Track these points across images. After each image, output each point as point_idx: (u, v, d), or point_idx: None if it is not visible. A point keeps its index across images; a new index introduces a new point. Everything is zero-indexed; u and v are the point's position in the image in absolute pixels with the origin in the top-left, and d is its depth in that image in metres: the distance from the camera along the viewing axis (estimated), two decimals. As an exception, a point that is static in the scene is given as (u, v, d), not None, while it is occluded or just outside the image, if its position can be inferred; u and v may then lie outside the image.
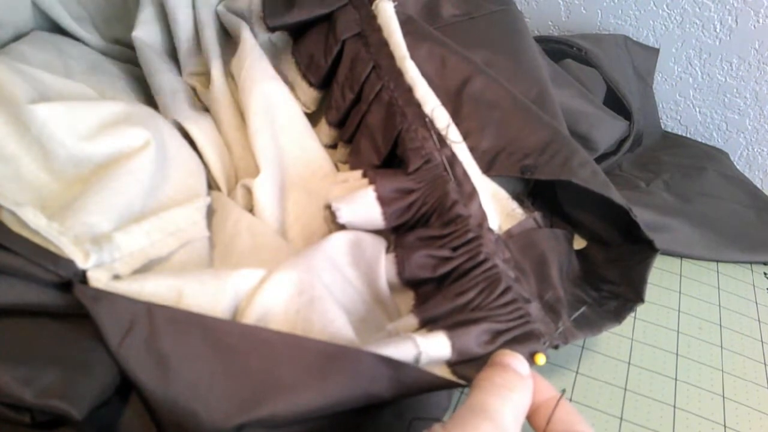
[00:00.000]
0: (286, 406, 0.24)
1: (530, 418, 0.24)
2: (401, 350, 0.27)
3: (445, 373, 0.28)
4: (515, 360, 0.24)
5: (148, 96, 0.41)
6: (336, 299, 0.30)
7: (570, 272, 0.36)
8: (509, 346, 0.29)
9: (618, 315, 0.34)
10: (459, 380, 0.27)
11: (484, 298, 0.30)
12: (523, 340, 0.29)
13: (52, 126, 0.30)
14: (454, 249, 0.32)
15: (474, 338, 0.28)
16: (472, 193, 0.34)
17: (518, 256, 0.34)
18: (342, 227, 0.34)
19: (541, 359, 0.26)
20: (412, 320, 0.30)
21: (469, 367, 0.28)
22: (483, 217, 0.34)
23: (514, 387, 0.23)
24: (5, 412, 0.24)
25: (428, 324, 0.30)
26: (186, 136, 0.38)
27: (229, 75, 0.41)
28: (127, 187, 0.30)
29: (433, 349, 0.27)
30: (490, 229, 0.33)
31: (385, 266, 0.33)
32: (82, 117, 0.32)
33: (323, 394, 0.24)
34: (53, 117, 0.30)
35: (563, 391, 0.24)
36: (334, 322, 0.28)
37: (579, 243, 0.40)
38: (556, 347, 0.30)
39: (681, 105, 0.67)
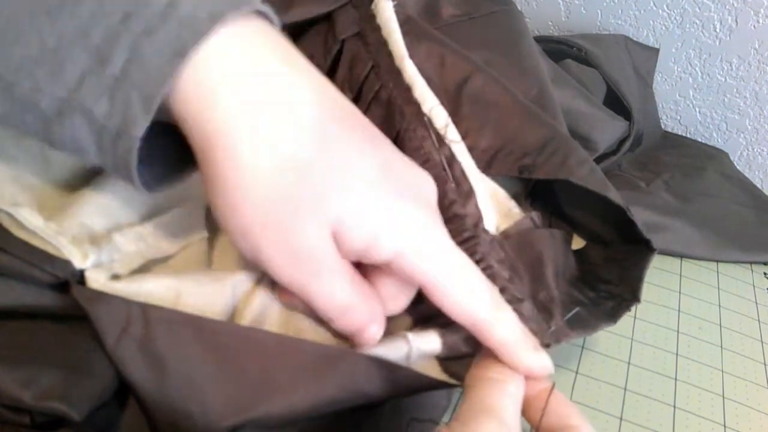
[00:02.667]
0: (281, 407, 0.24)
1: (524, 412, 0.24)
2: (393, 347, 0.27)
3: (435, 368, 0.28)
4: None
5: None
6: None
7: (567, 272, 0.36)
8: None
9: (613, 315, 0.34)
10: (451, 379, 0.28)
11: None
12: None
13: (51, 126, 0.30)
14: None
15: (464, 337, 0.28)
16: (469, 193, 0.34)
17: (513, 256, 0.34)
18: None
19: None
20: (406, 319, 0.30)
21: (459, 364, 0.28)
22: (479, 217, 0.34)
23: (508, 379, 0.23)
24: (5, 414, 0.24)
25: (422, 323, 0.30)
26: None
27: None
28: (126, 188, 0.30)
29: (423, 344, 0.27)
30: (485, 230, 0.33)
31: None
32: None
33: (317, 394, 0.24)
34: (52, 117, 0.30)
35: (553, 384, 0.24)
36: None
37: (578, 243, 0.40)
38: (547, 346, 0.31)
39: (681, 105, 0.67)
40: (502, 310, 0.25)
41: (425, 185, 0.27)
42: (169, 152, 0.26)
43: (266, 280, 0.29)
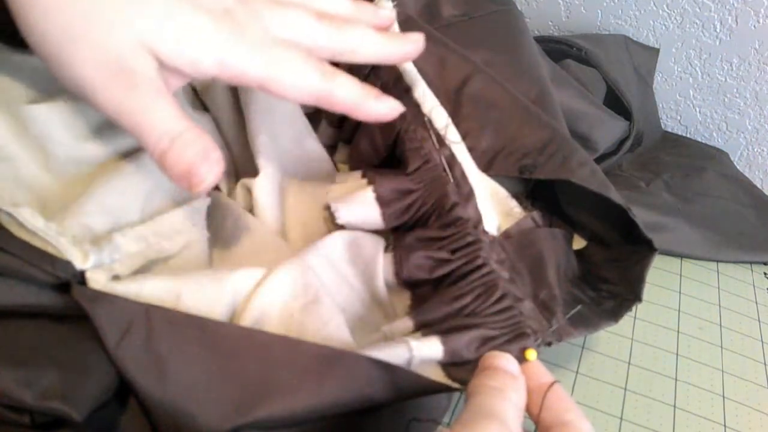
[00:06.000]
0: (283, 409, 0.24)
1: (525, 405, 0.24)
2: (394, 353, 0.27)
3: (438, 374, 0.28)
4: (505, 361, 0.24)
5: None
6: (332, 298, 0.30)
7: (568, 271, 0.36)
8: (502, 343, 0.29)
9: (615, 314, 0.34)
10: (453, 383, 0.28)
11: (480, 304, 0.30)
12: (515, 338, 0.29)
13: (51, 126, 0.30)
14: (453, 251, 0.32)
15: (466, 344, 0.28)
16: (470, 195, 0.34)
17: (514, 257, 0.34)
18: (341, 227, 0.34)
19: (531, 355, 0.26)
20: (407, 323, 0.30)
21: (462, 370, 0.28)
22: (479, 219, 0.34)
23: (509, 388, 0.23)
24: (5, 414, 0.24)
25: (423, 327, 0.30)
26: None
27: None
28: (127, 188, 0.30)
29: (425, 352, 0.28)
30: (484, 231, 0.33)
31: (383, 265, 0.33)
32: (82, 117, 0.32)
33: (319, 396, 0.24)
34: (53, 117, 0.30)
35: (554, 380, 0.24)
36: (328, 325, 0.28)
37: (579, 243, 0.40)
38: (549, 344, 0.31)
39: (681, 105, 0.67)
40: (335, 76, 0.27)
41: None
42: None
43: (267, 280, 0.29)
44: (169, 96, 0.25)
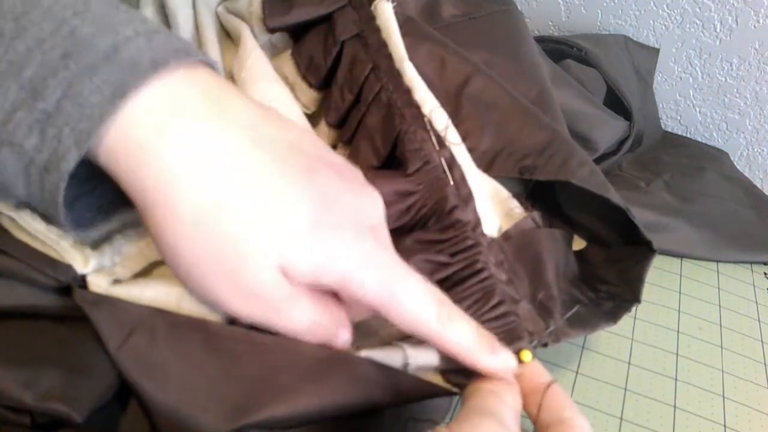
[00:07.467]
0: (284, 411, 0.24)
1: (523, 405, 0.25)
2: (390, 359, 0.27)
3: (435, 379, 0.28)
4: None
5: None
6: None
7: (567, 272, 0.36)
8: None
9: (614, 315, 0.34)
10: (452, 388, 0.28)
11: (477, 309, 0.30)
12: (510, 339, 0.29)
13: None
14: (452, 255, 0.32)
15: None
16: (468, 197, 0.34)
17: (513, 258, 0.34)
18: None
19: (526, 356, 0.26)
20: None
21: (459, 375, 0.28)
22: (477, 222, 0.34)
23: (505, 391, 0.24)
24: (5, 415, 0.24)
25: None
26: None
27: (229, 76, 0.41)
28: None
29: (421, 358, 0.28)
30: (483, 233, 0.33)
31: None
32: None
33: (320, 398, 0.24)
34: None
35: (551, 381, 0.25)
36: None
37: (579, 244, 0.40)
38: (545, 345, 0.31)
39: (681, 105, 0.67)
40: (451, 319, 0.26)
41: (365, 206, 0.27)
42: (102, 194, 0.26)
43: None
44: (302, 297, 0.25)
